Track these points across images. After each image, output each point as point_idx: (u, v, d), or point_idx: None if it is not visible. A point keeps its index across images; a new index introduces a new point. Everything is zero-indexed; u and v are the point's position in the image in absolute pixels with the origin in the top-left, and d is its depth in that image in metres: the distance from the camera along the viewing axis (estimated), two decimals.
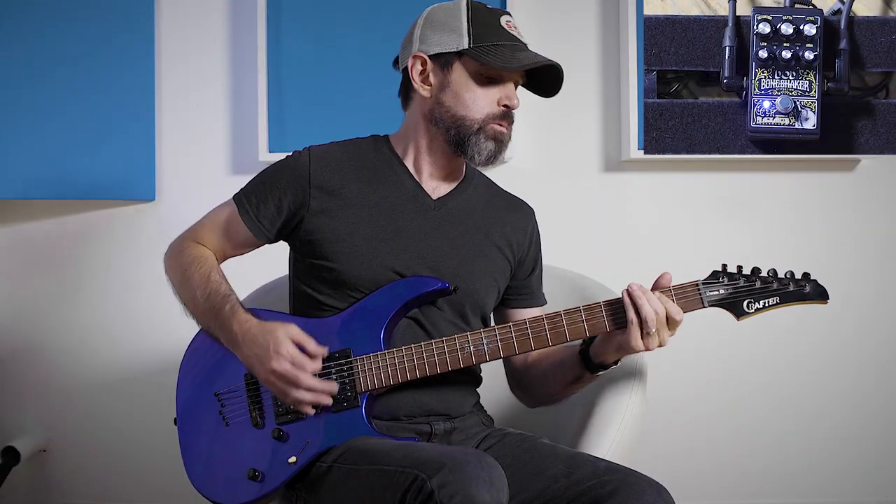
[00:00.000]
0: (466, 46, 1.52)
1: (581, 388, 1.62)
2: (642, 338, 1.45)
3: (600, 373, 1.57)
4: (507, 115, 1.56)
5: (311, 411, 1.50)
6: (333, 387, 1.49)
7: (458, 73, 1.54)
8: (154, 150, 2.46)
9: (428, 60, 1.55)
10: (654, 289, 1.48)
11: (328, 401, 1.49)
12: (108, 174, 2.42)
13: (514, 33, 1.55)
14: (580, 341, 1.56)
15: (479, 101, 1.54)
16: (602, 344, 1.53)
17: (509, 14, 1.58)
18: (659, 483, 1.39)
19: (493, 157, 1.56)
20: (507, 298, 1.70)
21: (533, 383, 1.69)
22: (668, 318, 1.45)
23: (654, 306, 1.44)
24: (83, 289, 2.49)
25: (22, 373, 2.49)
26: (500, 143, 1.56)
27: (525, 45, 1.56)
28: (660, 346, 1.47)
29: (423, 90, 1.56)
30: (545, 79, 1.58)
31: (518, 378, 1.71)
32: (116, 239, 2.49)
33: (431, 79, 1.56)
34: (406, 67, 1.59)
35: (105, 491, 2.50)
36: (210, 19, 2.49)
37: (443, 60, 1.55)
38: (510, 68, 1.51)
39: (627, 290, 1.46)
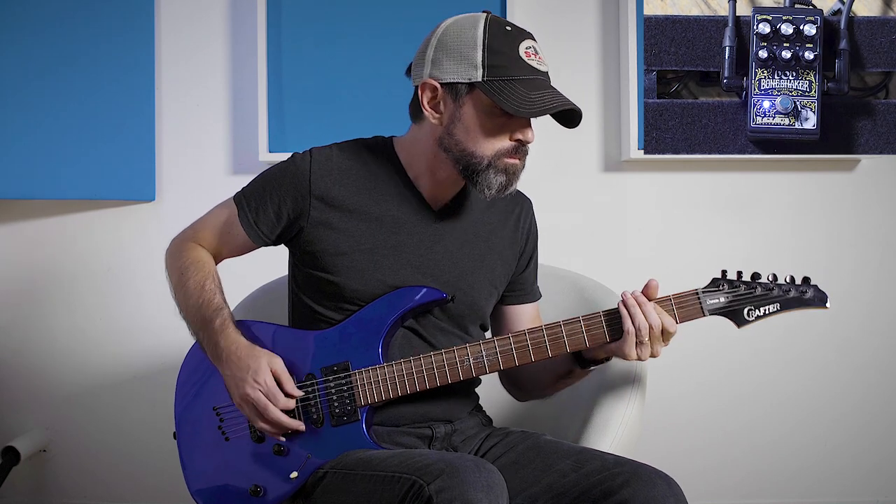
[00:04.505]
0: (479, 79, 1.43)
1: (572, 384, 1.62)
2: (636, 346, 1.45)
3: (591, 368, 1.57)
4: (519, 149, 1.48)
5: (281, 437, 1.50)
6: (299, 425, 1.49)
7: (470, 107, 1.46)
8: (154, 150, 2.46)
9: (439, 88, 1.47)
10: (644, 296, 1.47)
11: (297, 431, 1.49)
12: (108, 174, 2.41)
13: (534, 63, 1.45)
14: None
15: (490, 138, 1.46)
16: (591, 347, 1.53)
17: (531, 38, 1.48)
18: (668, 475, 1.39)
19: (504, 189, 1.49)
20: (504, 295, 1.69)
21: (523, 376, 1.68)
22: (662, 329, 1.45)
23: (650, 319, 1.44)
24: (83, 289, 2.49)
25: (22, 373, 2.49)
26: (513, 175, 1.49)
27: (545, 75, 1.47)
28: (652, 356, 1.46)
29: (434, 118, 1.49)
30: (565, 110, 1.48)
31: (508, 370, 1.70)
32: (116, 239, 2.49)
33: (442, 107, 1.48)
34: (417, 87, 1.52)
35: (105, 491, 2.50)
36: (210, 19, 2.49)
37: (454, 91, 1.46)
38: (522, 114, 1.42)
39: (622, 298, 1.46)
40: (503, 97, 1.42)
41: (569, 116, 1.49)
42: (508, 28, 1.47)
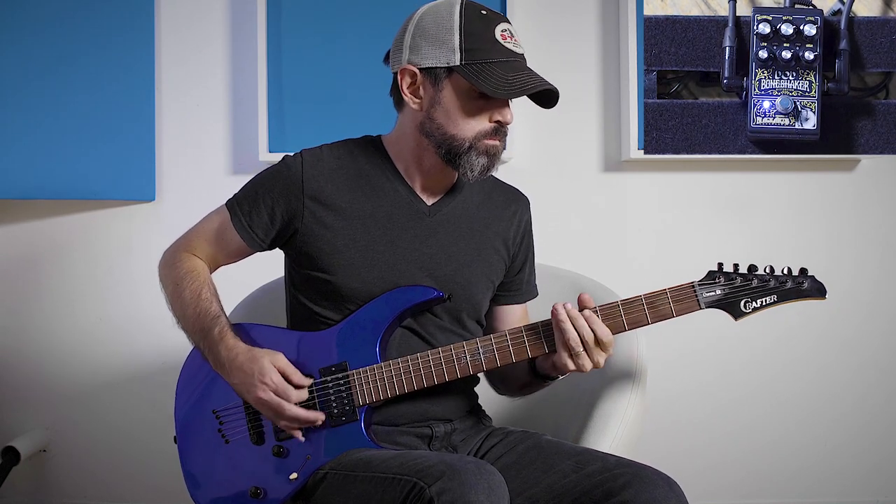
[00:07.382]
0: (458, 63, 1.45)
1: (535, 391, 1.64)
2: (570, 358, 1.45)
3: (548, 382, 1.58)
4: (499, 131, 1.50)
5: (300, 436, 1.50)
6: (318, 416, 1.48)
7: (449, 91, 1.48)
8: (154, 150, 2.46)
9: (418, 73, 1.49)
10: (581, 308, 1.46)
11: (317, 423, 1.49)
12: (108, 174, 2.41)
13: (510, 45, 1.48)
14: None
15: (470, 120, 1.48)
16: (542, 361, 1.53)
17: (506, 21, 1.50)
18: (670, 477, 1.39)
19: (486, 171, 1.51)
20: (496, 294, 1.68)
21: (494, 378, 1.71)
22: (597, 340, 1.44)
23: (581, 331, 1.43)
24: (83, 289, 2.49)
25: (22, 373, 2.49)
26: (493, 156, 1.51)
27: (521, 57, 1.49)
28: (595, 367, 1.45)
29: (413, 103, 1.51)
30: (542, 90, 1.50)
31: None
32: (116, 239, 2.49)
33: (422, 92, 1.50)
34: (396, 74, 1.54)
35: (105, 491, 2.50)
36: (210, 19, 2.49)
37: (433, 75, 1.48)
38: (500, 96, 1.45)
39: (553, 312, 1.45)
40: (482, 80, 1.44)
41: (546, 97, 1.51)
42: (484, 12, 1.49)
